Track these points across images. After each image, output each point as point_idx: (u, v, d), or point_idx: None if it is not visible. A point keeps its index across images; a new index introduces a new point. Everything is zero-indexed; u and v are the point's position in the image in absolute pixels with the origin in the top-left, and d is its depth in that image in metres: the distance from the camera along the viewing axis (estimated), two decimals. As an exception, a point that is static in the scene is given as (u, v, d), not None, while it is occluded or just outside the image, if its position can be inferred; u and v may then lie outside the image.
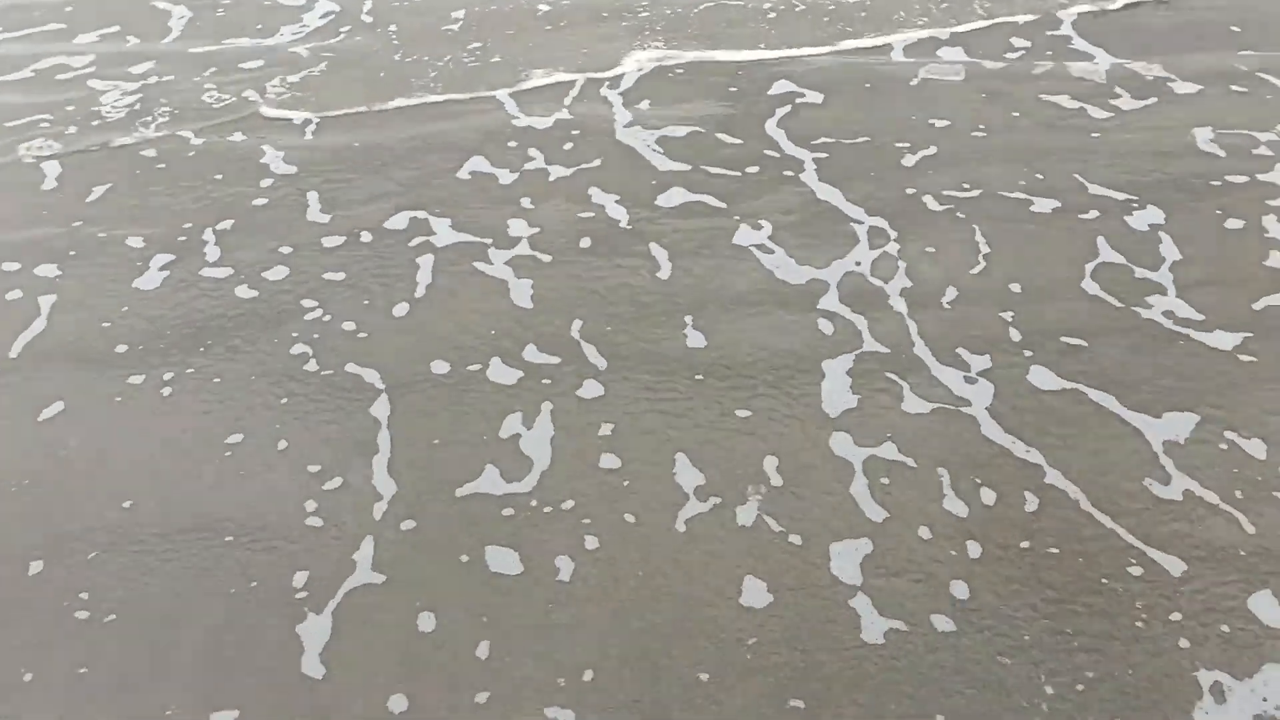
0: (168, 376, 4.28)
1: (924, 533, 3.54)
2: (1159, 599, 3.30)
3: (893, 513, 3.61)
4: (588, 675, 3.15)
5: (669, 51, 6.50)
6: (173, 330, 4.54)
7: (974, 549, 3.48)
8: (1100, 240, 4.81)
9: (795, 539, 3.53)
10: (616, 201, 5.21)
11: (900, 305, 4.47)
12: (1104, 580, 3.35)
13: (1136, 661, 3.12)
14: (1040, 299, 4.50)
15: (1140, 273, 4.61)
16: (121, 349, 4.46)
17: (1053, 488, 3.66)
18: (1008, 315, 4.40)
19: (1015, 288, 4.55)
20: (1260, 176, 5.22)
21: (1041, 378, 4.10)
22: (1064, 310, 4.43)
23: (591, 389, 4.13)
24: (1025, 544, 3.49)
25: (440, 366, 4.28)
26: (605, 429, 3.95)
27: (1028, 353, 4.21)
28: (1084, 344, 4.24)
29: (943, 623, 3.26)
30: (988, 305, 4.47)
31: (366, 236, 5.03)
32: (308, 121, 5.99)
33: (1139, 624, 3.22)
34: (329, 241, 5.02)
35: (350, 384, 4.22)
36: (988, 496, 3.64)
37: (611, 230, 5.01)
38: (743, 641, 3.24)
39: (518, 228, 5.05)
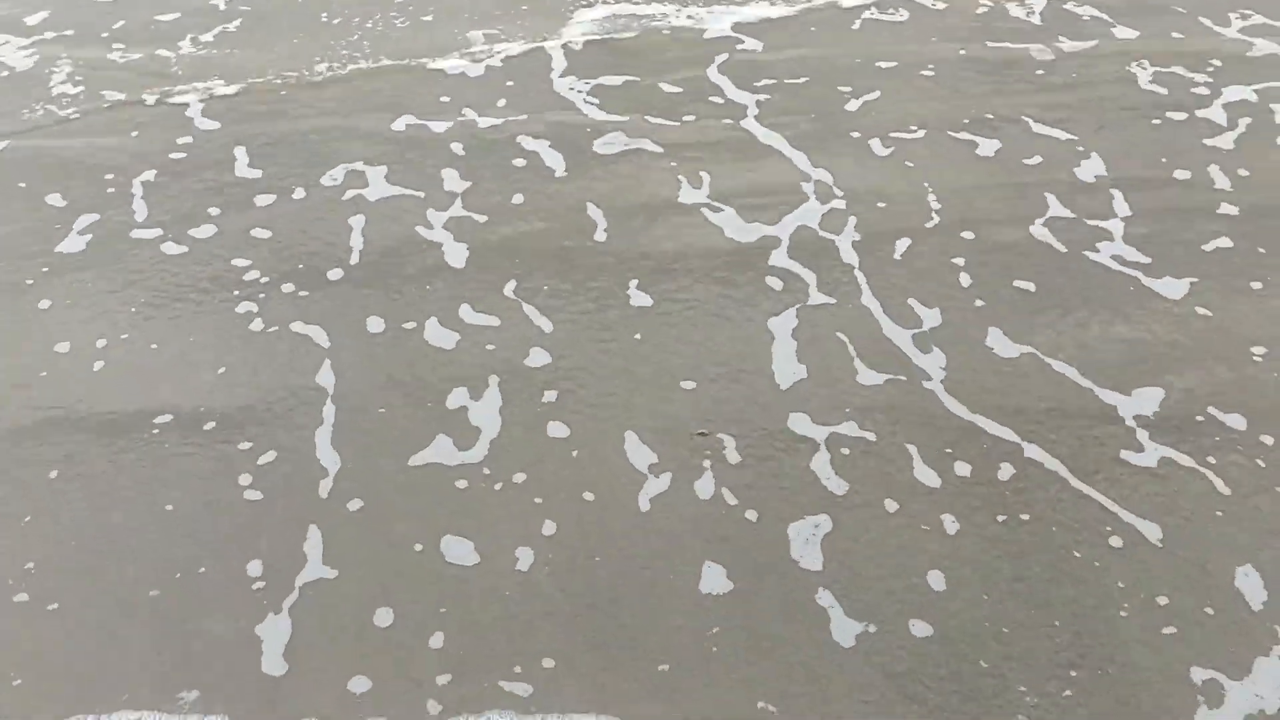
0: (100, 344, 3.93)
1: (890, 505, 3.30)
2: (1142, 578, 3.07)
3: (856, 487, 3.36)
4: (548, 662, 2.90)
5: (616, 9, 6.16)
6: (98, 291, 4.19)
7: (950, 524, 3.24)
8: (1045, 180, 4.63)
9: (751, 514, 3.28)
10: (550, 147, 4.94)
11: (850, 256, 4.24)
12: (1077, 554, 3.13)
13: (1124, 659, 2.88)
14: (988, 243, 4.29)
15: (1090, 220, 4.42)
16: (45, 304, 4.12)
17: (1031, 462, 3.42)
18: (959, 260, 4.21)
19: (968, 234, 4.34)
20: (1199, 113, 5.09)
21: (996, 339, 3.88)
22: (1013, 254, 4.24)
23: (537, 357, 3.84)
24: (1002, 517, 3.25)
25: (376, 324, 3.99)
26: (549, 395, 3.67)
27: (979, 302, 4.01)
28: (1032, 287, 4.06)
29: (921, 628, 2.97)
30: (936, 253, 4.25)
31: (299, 194, 4.69)
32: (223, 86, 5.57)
33: (1123, 613, 2.98)
34: (261, 200, 4.67)
35: (290, 346, 3.92)
36: (961, 469, 3.41)
37: (548, 184, 4.72)
38: (704, 632, 2.99)
39: (452, 181, 4.74)
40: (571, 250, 4.32)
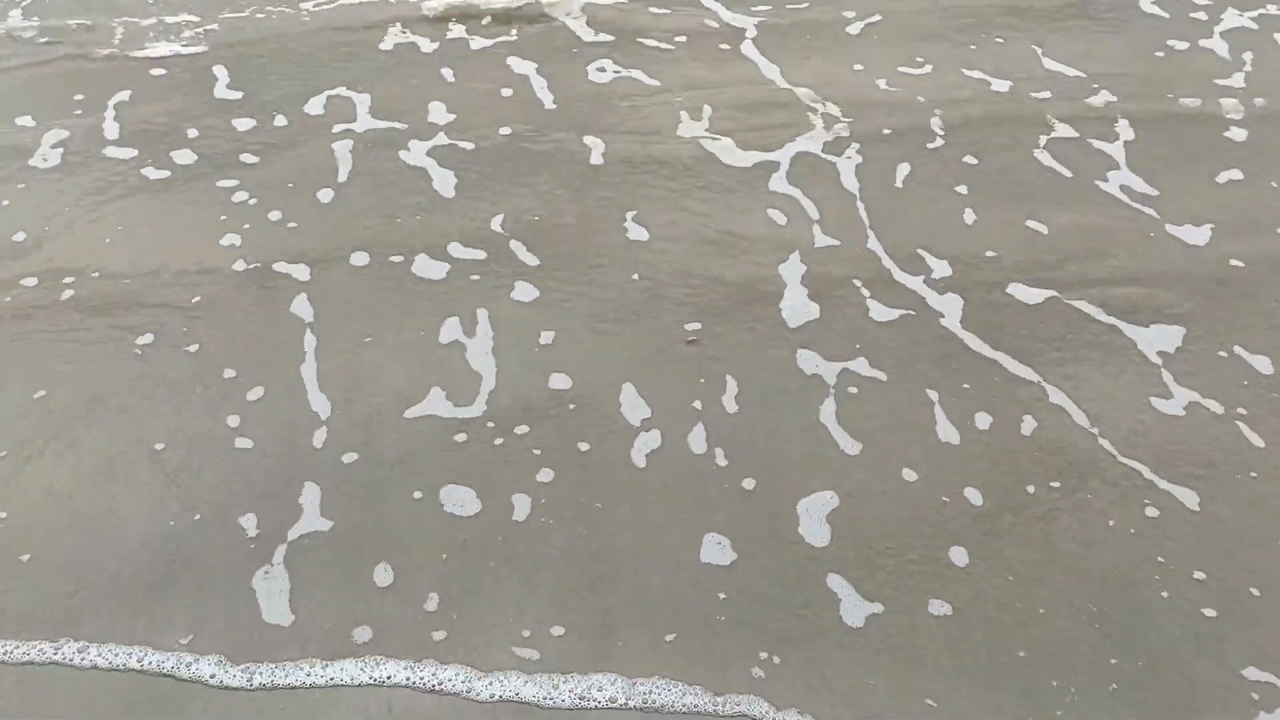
0: (67, 280, 3.57)
1: (909, 474, 2.94)
2: (1180, 550, 2.71)
3: (869, 446, 3.00)
4: (557, 630, 2.61)
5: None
6: (73, 214, 3.83)
7: (975, 497, 2.87)
8: (1053, 117, 4.27)
9: (749, 483, 2.92)
10: (537, 70, 4.53)
11: (852, 185, 3.90)
12: (1112, 522, 2.78)
13: (1168, 650, 2.52)
14: (995, 177, 3.95)
15: (1097, 144, 4.12)
16: (19, 237, 3.73)
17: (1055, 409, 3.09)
18: (961, 189, 3.89)
19: (970, 159, 4.03)
20: (1202, 42, 4.72)
21: (1018, 291, 3.55)
22: (1021, 185, 3.92)
23: (525, 291, 3.49)
24: (1030, 488, 2.88)
25: (360, 258, 3.64)
26: (546, 337, 3.33)
27: (990, 253, 3.65)
28: (1044, 230, 3.71)
29: (939, 606, 2.62)
30: (940, 194, 3.90)
31: (281, 120, 4.29)
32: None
33: (1164, 594, 2.63)
34: (241, 125, 4.27)
35: (272, 278, 3.57)
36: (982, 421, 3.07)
37: (537, 113, 4.33)
38: (712, 596, 2.67)
39: (437, 112, 4.33)
40: (563, 179, 3.95)
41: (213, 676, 2.51)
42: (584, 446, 3.01)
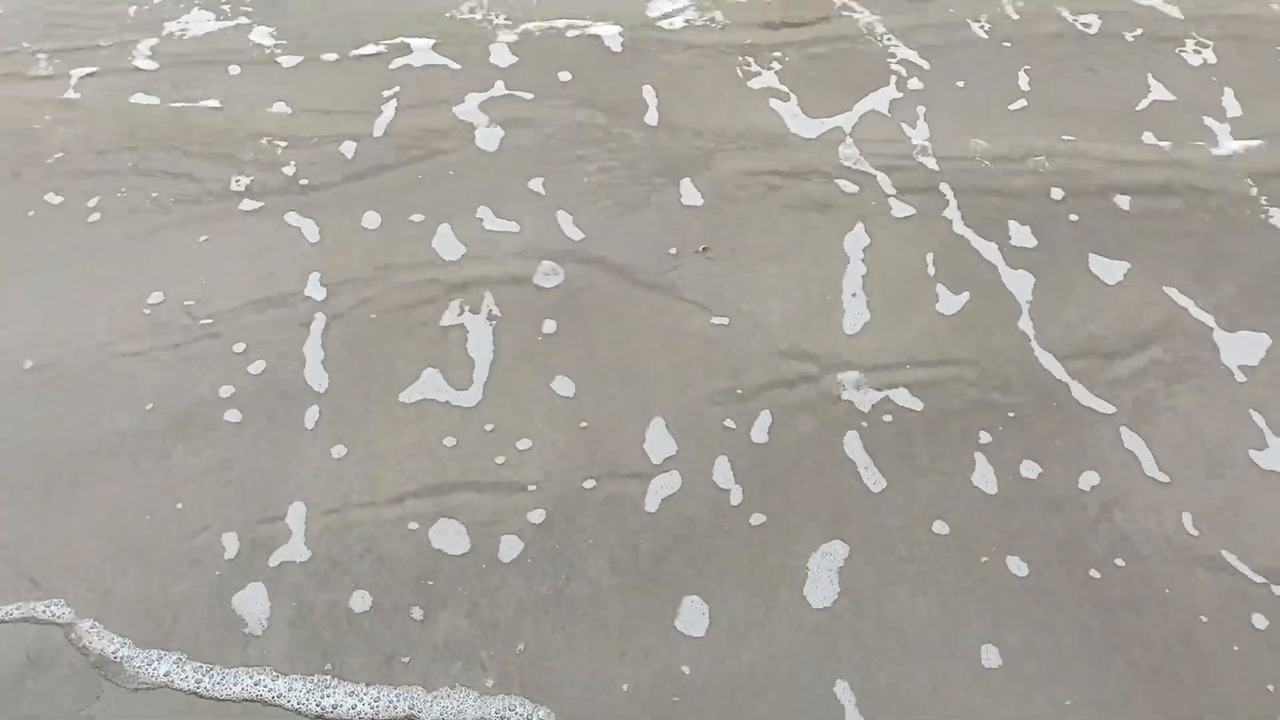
0: (93, 202, 3.22)
1: (940, 527, 2.36)
2: None
3: (898, 488, 2.43)
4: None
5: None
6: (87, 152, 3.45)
7: (1016, 565, 2.25)
8: (1151, 76, 3.67)
9: (773, 531, 2.37)
10: (610, 22, 3.98)
11: (933, 163, 3.35)
12: (1204, 618, 2.10)
13: None
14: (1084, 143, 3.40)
15: (1201, 114, 3.53)
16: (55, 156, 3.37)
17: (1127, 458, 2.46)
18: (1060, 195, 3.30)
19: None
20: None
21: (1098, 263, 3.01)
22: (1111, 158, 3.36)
23: (547, 278, 2.99)
24: (1095, 573, 2.19)
25: (372, 219, 3.19)
26: (549, 325, 2.85)
27: (1073, 216, 3.12)
28: (1128, 206, 3.16)
29: None
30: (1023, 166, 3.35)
31: (330, 55, 3.81)
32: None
33: None
34: (286, 61, 3.80)
35: (285, 237, 3.14)
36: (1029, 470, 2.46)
37: (604, 62, 3.79)
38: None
39: (499, 54, 3.82)
40: (622, 147, 3.44)
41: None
42: (589, 485, 2.55)
